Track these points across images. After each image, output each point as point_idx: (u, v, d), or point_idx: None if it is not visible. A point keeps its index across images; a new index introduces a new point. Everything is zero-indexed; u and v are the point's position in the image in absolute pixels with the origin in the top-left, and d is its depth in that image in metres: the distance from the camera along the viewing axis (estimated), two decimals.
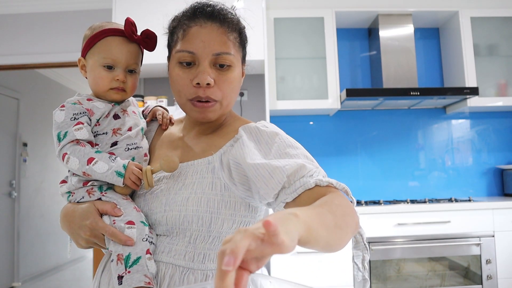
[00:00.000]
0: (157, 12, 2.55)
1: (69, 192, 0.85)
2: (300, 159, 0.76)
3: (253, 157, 0.77)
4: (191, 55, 0.80)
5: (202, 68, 0.80)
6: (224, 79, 0.82)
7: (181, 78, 0.82)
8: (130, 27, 0.86)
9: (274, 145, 0.79)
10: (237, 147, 0.80)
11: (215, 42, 0.80)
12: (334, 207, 0.63)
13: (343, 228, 0.62)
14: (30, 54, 3.16)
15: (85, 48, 0.88)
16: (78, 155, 0.80)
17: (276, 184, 0.72)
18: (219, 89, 0.82)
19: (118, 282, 0.74)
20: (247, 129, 0.84)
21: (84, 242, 0.81)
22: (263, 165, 0.74)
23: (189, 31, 0.81)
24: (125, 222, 0.78)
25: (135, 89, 0.91)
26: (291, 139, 0.82)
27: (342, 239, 0.62)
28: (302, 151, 0.79)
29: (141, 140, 0.90)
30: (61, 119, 0.83)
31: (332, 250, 0.62)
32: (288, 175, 0.72)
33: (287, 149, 0.78)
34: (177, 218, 0.78)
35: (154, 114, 1.02)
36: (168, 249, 0.80)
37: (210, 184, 0.80)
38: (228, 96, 0.84)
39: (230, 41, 0.82)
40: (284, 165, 0.73)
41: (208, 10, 0.82)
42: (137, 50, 0.90)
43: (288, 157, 0.76)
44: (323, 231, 0.55)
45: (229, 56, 0.82)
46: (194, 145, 0.89)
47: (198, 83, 0.80)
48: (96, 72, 0.87)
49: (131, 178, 0.80)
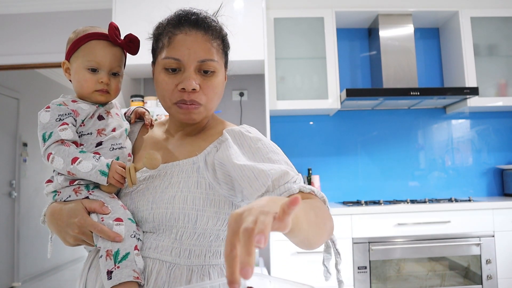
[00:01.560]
0: (157, 12, 2.55)
1: (55, 191, 0.87)
2: (282, 165, 0.80)
3: (238, 158, 0.81)
4: (177, 62, 0.84)
5: (187, 74, 0.84)
6: (208, 85, 0.86)
7: (166, 83, 0.85)
8: (114, 31, 0.89)
9: (257, 150, 0.83)
10: (223, 149, 0.84)
11: (200, 49, 0.84)
12: (316, 208, 0.69)
13: (321, 228, 0.68)
14: (30, 54, 3.17)
15: (70, 52, 0.90)
16: (62, 155, 0.82)
17: (260, 186, 0.76)
18: (203, 93, 0.86)
19: (108, 277, 0.75)
20: (231, 133, 0.87)
21: (72, 240, 0.83)
22: (248, 167, 0.78)
23: (174, 38, 0.85)
24: (113, 219, 0.80)
25: (118, 91, 0.93)
26: (273, 145, 0.87)
27: (319, 238, 0.68)
28: (283, 157, 0.84)
29: (125, 141, 0.92)
30: (46, 120, 0.85)
31: (309, 246, 0.67)
32: (273, 180, 0.76)
33: (269, 154, 0.82)
34: (164, 216, 0.81)
35: (137, 115, 1.05)
36: (155, 245, 0.82)
37: (196, 183, 0.83)
38: (212, 100, 0.88)
39: (214, 48, 0.86)
40: (269, 169, 0.77)
41: (192, 19, 0.86)
42: (121, 54, 0.92)
43: (271, 162, 0.81)
44: (306, 224, 0.60)
45: (213, 63, 0.85)
46: (178, 146, 0.93)
47: (184, 89, 0.83)
48: (80, 75, 0.89)
49: (114, 177, 0.82)
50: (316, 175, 2.91)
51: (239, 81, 3.09)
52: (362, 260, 2.39)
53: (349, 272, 2.38)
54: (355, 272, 2.39)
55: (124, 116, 1.02)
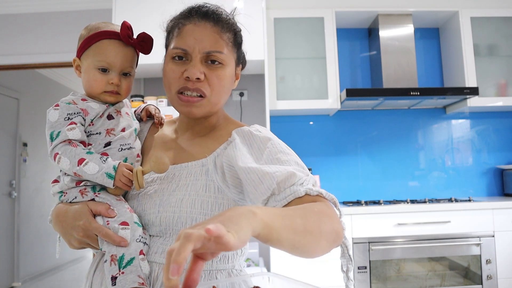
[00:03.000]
0: (157, 12, 2.55)
1: (61, 192, 0.85)
2: (291, 166, 0.76)
3: (244, 160, 0.77)
4: (183, 52, 0.82)
5: (193, 63, 0.82)
6: (214, 75, 0.83)
7: (172, 71, 0.83)
8: (127, 31, 0.87)
9: (265, 150, 0.80)
10: (230, 149, 0.81)
11: (207, 40, 0.82)
12: (310, 212, 0.64)
13: (314, 233, 0.62)
14: (30, 54, 3.17)
15: (81, 49, 0.88)
16: (69, 156, 0.80)
17: (265, 189, 0.73)
18: (208, 84, 0.83)
19: (112, 283, 0.74)
20: (240, 133, 0.85)
21: (77, 243, 0.81)
22: (253, 169, 0.75)
23: (183, 29, 0.84)
24: (119, 223, 0.78)
25: (129, 91, 0.91)
26: (283, 145, 0.83)
27: (312, 244, 0.62)
28: (293, 157, 0.80)
29: (134, 141, 0.90)
30: (55, 119, 0.83)
31: (303, 254, 0.62)
32: (278, 182, 0.72)
33: (278, 155, 0.78)
34: (171, 219, 0.79)
35: (147, 113, 1.03)
36: (161, 249, 0.80)
37: (204, 186, 0.81)
38: (217, 93, 0.85)
39: (223, 40, 0.84)
40: (275, 171, 0.73)
41: (203, 10, 0.85)
42: (133, 54, 0.90)
43: (279, 163, 0.77)
44: (288, 233, 0.56)
45: (221, 55, 0.83)
46: (188, 147, 0.90)
47: (188, 77, 0.81)
48: (90, 74, 0.87)
49: (121, 180, 0.80)
50: (316, 175, 2.91)
51: (239, 81, 3.08)
52: (362, 260, 2.40)
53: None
54: (355, 272, 2.39)
55: (134, 115, 1.00)
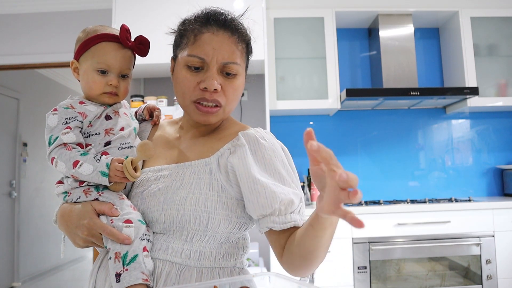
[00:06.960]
0: (157, 12, 2.55)
1: (65, 192, 0.86)
2: (291, 188, 0.82)
3: (255, 168, 0.81)
4: (201, 61, 0.83)
5: (210, 73, 0.83)
6: (230, 86, 0.85)
7: (188, 80, 0.84)
8: (125, 34, 0.88)
9: (269, 162, 0.83)
10: (239, 155, 0.82)
11: (225, 50, 0.83)
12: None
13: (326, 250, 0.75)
14: (30, 54, 3.17)
15: (79, 52, 0.90)
16: (64, 159, 0.82)
17: (267, 206, 0.77)
18: (224, 95, 0.85)
19: (116, 279, 0.75)
20: (247, 137, 0.85)
21: (82, 242, 0.82)
22: (261, 182, 0.78)
23: (201, 36, 0.84)
24: (123, 221, 0.79)
25: (127, 93, 0.93)
26: (285, 158, 0.86)
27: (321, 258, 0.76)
28: (292, 176, 0.85)
29: (134, 140, 0.92)
30: (54, 124, 0.85)
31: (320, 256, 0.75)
32: (280, 205, 0.78)
33: (280, 170, 0.83)
34: (175, 217, 0.80)
35: (149, 111, 1.04)
36: (165, 246, 0.81)
37: (208, 185, 0.82)
38: (231, 102, 0.88)
39: (239, 51, 0.86)
40: (280, 192, 0.78)
41: (221, 19, 0.85)
42: (131, 56, 0.92)
43: (281, 181, 0.82)
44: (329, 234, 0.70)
45: (236, 66, 0.85)
46: (191, 146, 0.91)
47: (206, 88, 0.82)
48: (89, 76, 0.88)
49: (116, 175, 0.81)
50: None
51: None
52: (362, 260, 2.40)
53: (349, 272, 2.38)
54: (355, 272, 2.39)
55: (134, 115, 1.01)
